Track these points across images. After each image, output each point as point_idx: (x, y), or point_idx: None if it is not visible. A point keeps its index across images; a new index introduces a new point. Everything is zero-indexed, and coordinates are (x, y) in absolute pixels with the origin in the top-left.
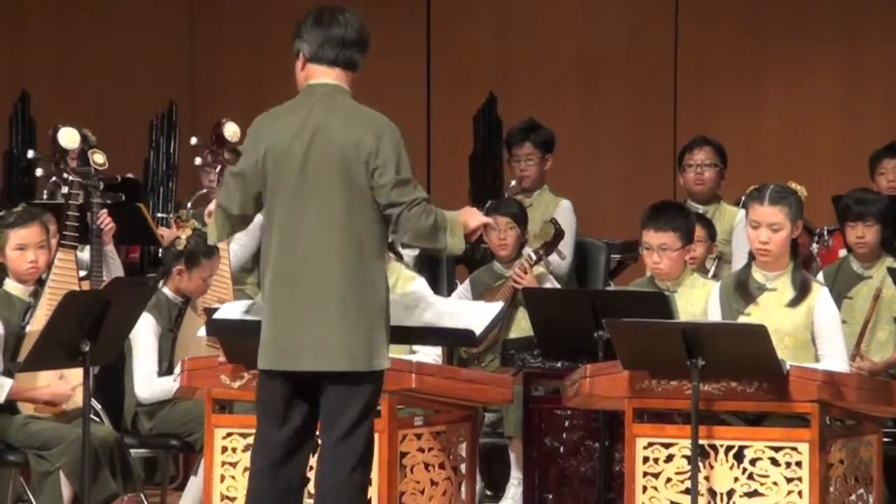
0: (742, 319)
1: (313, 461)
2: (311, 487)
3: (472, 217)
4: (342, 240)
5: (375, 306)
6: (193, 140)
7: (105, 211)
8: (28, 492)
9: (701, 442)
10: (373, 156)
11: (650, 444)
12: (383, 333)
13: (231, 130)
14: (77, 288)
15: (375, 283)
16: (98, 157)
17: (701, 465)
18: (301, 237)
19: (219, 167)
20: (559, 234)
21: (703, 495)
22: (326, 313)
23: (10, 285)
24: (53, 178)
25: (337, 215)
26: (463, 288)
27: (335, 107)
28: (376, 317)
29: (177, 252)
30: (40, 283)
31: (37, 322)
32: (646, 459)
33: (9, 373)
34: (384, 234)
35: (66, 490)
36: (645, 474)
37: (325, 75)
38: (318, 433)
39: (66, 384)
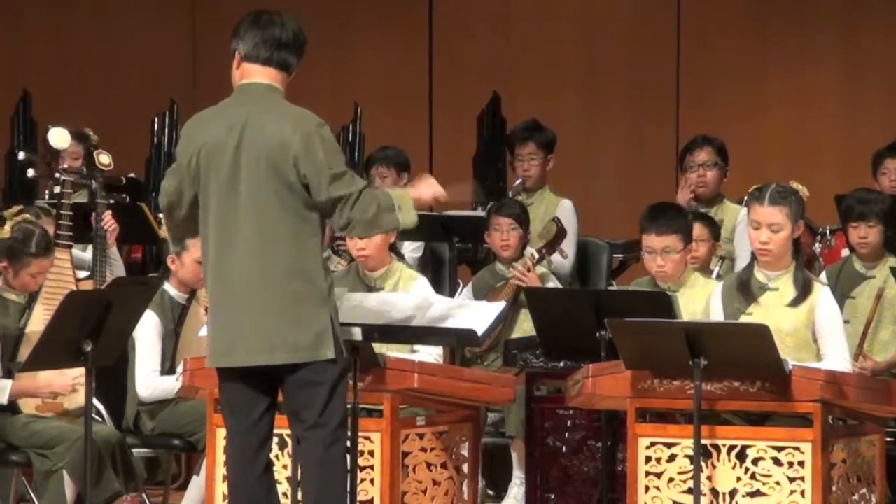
0: (744, 319)
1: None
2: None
3: (427, 189)
4: (277, 235)
5: (317, 297)
6: None
7: (110, 212)
8: (30, 491)
9: (703, 442)
10: (301, 154)
11: (652, 444)
12: (328, 323)
13: None
14: (73, 287)
15: (313, 275)
16: (104, 158)
17: (703, 464)
18: (236, 234)
19: None
20: (561, 234)
21: (705, 495)
22: (267, 308)
23: (4, 289)
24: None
25: (270, 212)
26: (465, 291)
27: (266, 106)
28: (320, 307)
29: (165, 241)
30: None
31: (35, 322)
32: (648, 459)
33: (8, 373)
34: (319, 226)
35: (69, 489)
36: (647, 474)
37: (258, 75)
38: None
39: (65, 377)
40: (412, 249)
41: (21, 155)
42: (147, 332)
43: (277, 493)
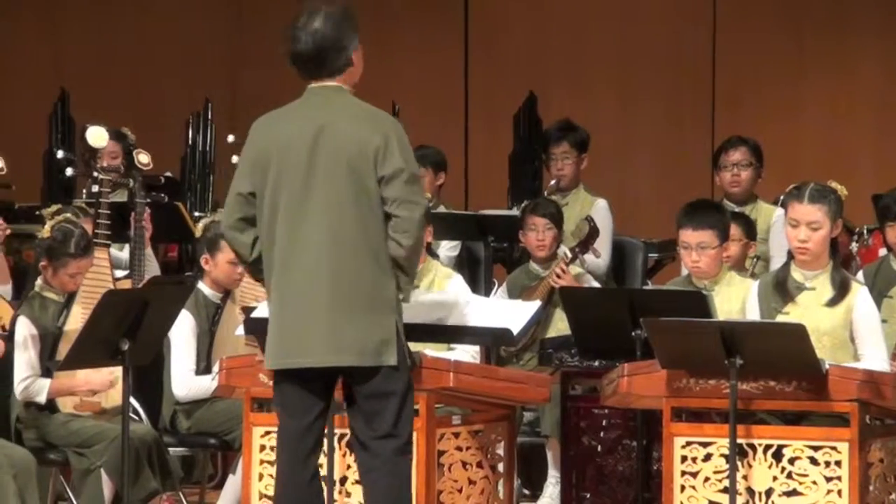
0: (780, 318)
1: None
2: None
3: None
4: (352, 239)
5: (385, 303)
6: (231, 138)
7: (149, 212)
8: (68, 490)
9: (739, 441)
10: (381, 153)
11: (688, 444)
12: (394, 329)
13: None
14: (111, 286)
15: (382, 281)
16: (143, 157)
17: (739, 464)
18: (309, 237)
19: None
20: (594, 233)
21: (741, 494)
22: (336, 310)
23: (44, 287)
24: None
25: (345, 214)
26: (500, 291)
27: (339, 106)
28: (388, 314)
29: (198, 241)
30: None
31: (73, 321)
32: (684, 458)
33: (47, 372)
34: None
35: (106, 488)
36: (683, 473)
37: (320, 81)
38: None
39: (103, 375)
40: (448, 248)
41: (59, 154)
42: (182, 332)
43: (324, 500)
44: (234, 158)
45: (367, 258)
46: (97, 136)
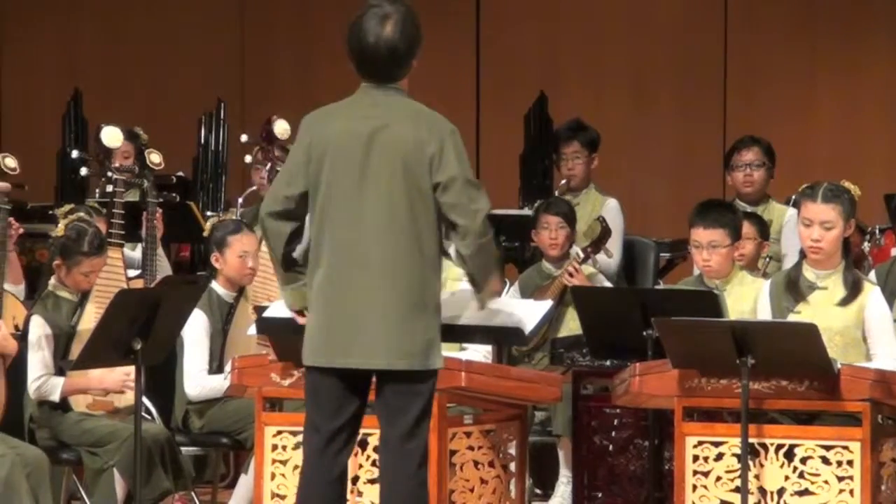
0: (792, 318)
1: None
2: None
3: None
4: (403, 239)
5: (432, 305)
6: (244, 137)
7: (160, 212)
8: (81, 489)
9: (751, 440)
10: (436, 157)
11: (700, 443)
12: (438, 332)
13: (281, 128)
14: (124, 285)
15: (432, 283)
16: (155, 157)
17: (751, 463)
18: (360, 236)
19: (269, 164)
20: (606, 233)
21: (753, 494)
22: (384, 311)
23: (57, 286)
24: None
25: (398, 214)
26: (512, 290)
27: (395, 107)
28: (432, 316)
29: (207, 239)
30: None
31: (86, 321)
32: (695, 458)
33: (60, 371)
34: (440, 233)
35: (119, 487)
36: (695, 473)
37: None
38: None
39: (116, 374)
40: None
41: (73, 153)
42: (195, 331)
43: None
44: (248, 158)
45: (417, 259)
46: (112, 136)
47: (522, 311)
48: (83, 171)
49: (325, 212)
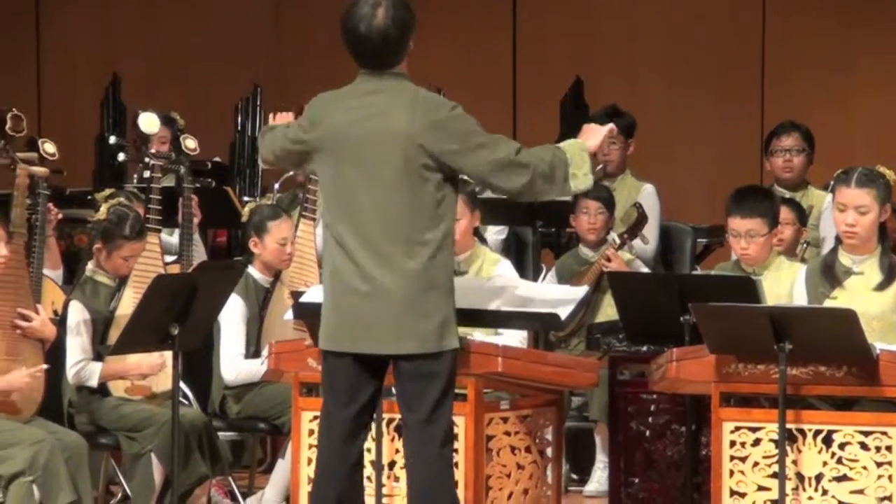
0: (828, 303)
1: None
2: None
3: (593, 136)
4: (406, 222)
5: (442, 286)
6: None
7: (196, 198)
8: (119, 474)
9: (788, 426)
10: (439, 141)
11: (737, 429)
12: (451, 312)
13: None
14: (161, 271)
15: (442, 264)
16: (190, 143)
17: (789, 449)
18: (364, 221)
19: None
20: (642, 219)
21: (790, 479)
22: (393, 295)
23: (95, 271)
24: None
25: (400, 199)
26: (549, 276)
27: (394, 93)
28: (444, 296)
29: (245, 225)
30: None
31: (124, 306)
32: (732, 443)
33: (98, 356)
34: (449, 213)
35: (157, 472)
36: (732, 458)
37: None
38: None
39: (153, 358)
40: (495, 233)
41: (112, 139)
42: (232, 316)
43: (364, 491)
44: None
45: (421, 242)
46: (149, 122)
47: (559, 296)
48: (121, 156)
49: (334, 201)
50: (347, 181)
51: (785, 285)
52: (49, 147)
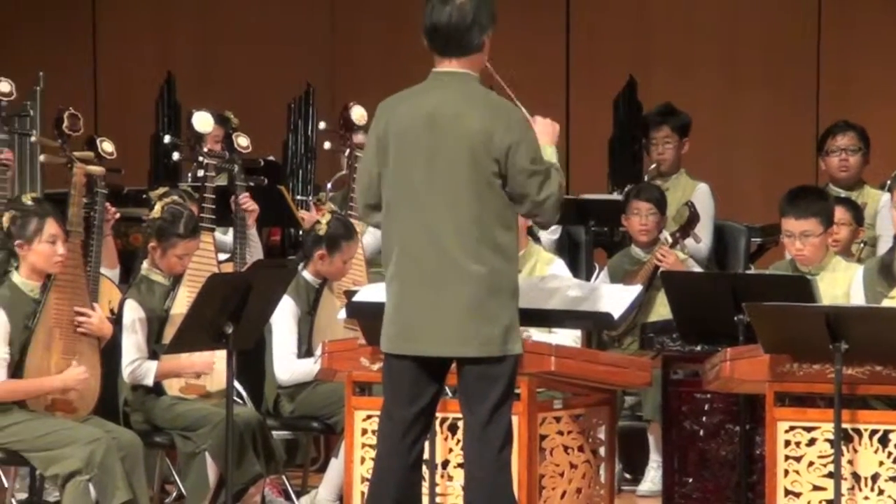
0: (886, 303)
1: None
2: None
3: (544, 133)
4: (473, 224)
5: (507, 290)
6: (322, 125)
7: (247, 194)
8: (174, 473)
9: (844, 426)
10: (503, 146)
11: (792, 428)
12: (516, 317)
13: (358, 114)
14: (215, 270)
15: (507, 268)
16: (242, 141)
17: (844, 448)
18: (430, 222)
19: (348, 151)
20: (694, 218)
21: (846, 479)
22: (459, 298)
23: (150, 270)
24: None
25: (466, 200)
26: (602, 275)
27: (464, 93)
28: (509, 301)
29: (318, 236)
30: None
31: (178, 305)
32: (787, 443)
33: (154, 355)
34: (514, 216)
35: (211, 471)
36: (786, 458)
37: (445, 64)
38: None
39: (207, 357)
40: (549, 232)
41: (166, 138)
42: (284, 316)
43: (421, 490)
44: (327, 144)
45: (488, 245)
46: (203, 121)
47: (612, 295)
48: (175, 155)
49: (395, 198)
50: (414, 182)
51: (842, 286)
52: (107, 146)
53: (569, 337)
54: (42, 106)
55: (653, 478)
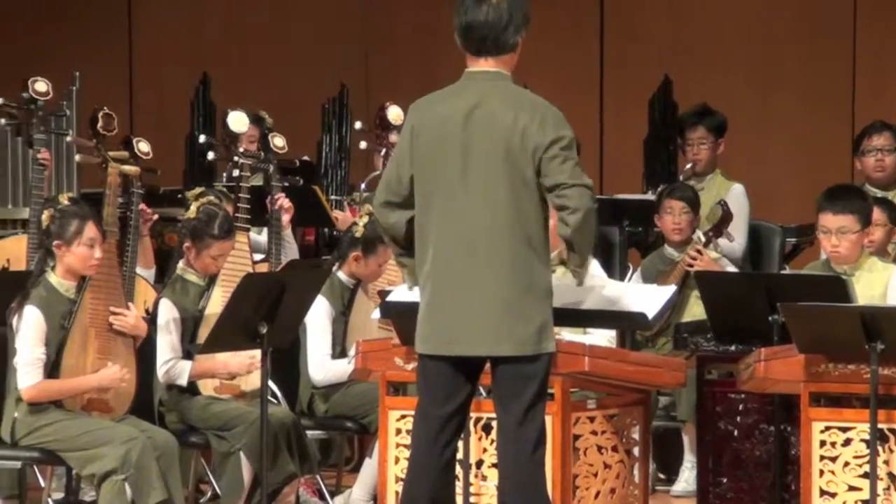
0: None
1: None
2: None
3: None
4: (508, 223)
5: (542, 289)
6: (358, 124)
7: (282, 194)
8: (209, 472)
9: (880, 426)
10: (538, 140)
11: (827, 428)
12: (549, 316)
13: (394, 114)
14: (250, 269)
15: (541, 267)
16: (278, 141)
17: (880, 449)
18: (465, 221)
19: (384, 150)
20: (727, 217)
21: (882, 479)
22: (493, 297)
23: (185, 270)
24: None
25: (502, 199)
26: (636, 276)
27: (497, 92)
28: (543, 300)
29: (354, 238)
30: None
31: (213, 305)
32: (822, 443)
33: (188, 355)
34: (548, 216)
35: (246, 470)
36: (822, 458)
37: (478, 64)
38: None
39: (241, 357)
40: None
41: (201, 138)
42: (318, 316)
43: (455, 490)
44: (363, 144)
45: (522, 244)
46: (238, 120)
47: (646, 295)
48: (210, 155)
49: (429, 198)
50: (450, 181)
51: (878, 286)
52: (143, 146)
53: (604, 337)
54: (78, 106)
55: (687, 478)
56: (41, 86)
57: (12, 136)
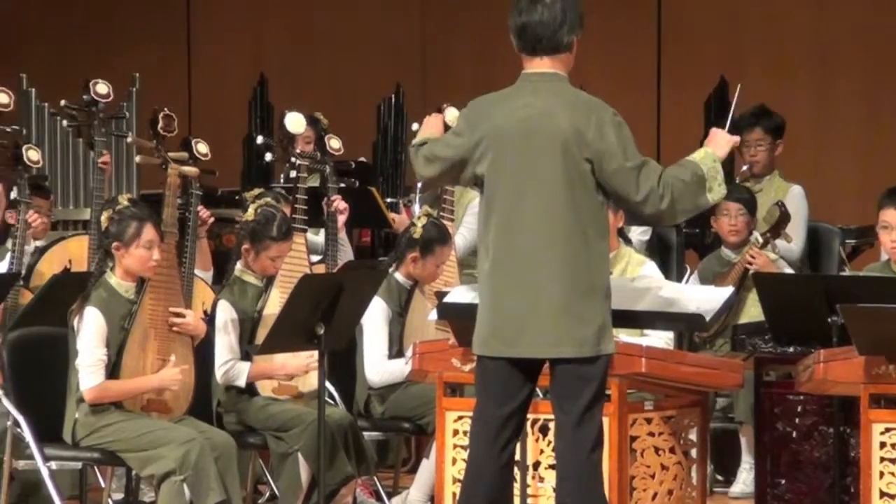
0: None
1: None
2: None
3: (721, 145)
4: (566, 224)
5: (600, 290)
6: (415, 126)
7: (338, 196)
8: (267, 473)
9: None
10: (597, 145)
11: (887, 430)
12: (608, 317)
13: (452, 115)
14: (307, 271)
15: (600, 267)
16: (334, 143)
17: None
18: (524, 222)
19: None
20: (785, 218)
21: None
22: (552, 298)
23: (243, 271)
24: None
25: (560, 200)
26: (693, 278)
27: (554, 94)
28: (602, 301)
29: (412, 239)
30: None
31: (271, 306)
32: (882, 445)
33: (246, 356)
34: (606, 217)
35: (303, 471)
36: (882, 460)
37: (535, 65)
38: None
39: (299, 358)
40: (640, 233)
41: (259, 139)
42: (375, 317)
43: (513, 492)
44: None
45: (581, 245)
46: (295, 121)
47: (703, 297)
48: (268, 156)
49: (490, 203)
50: (508, 182)
51: None
52: (202, 147)
53: (661, 338)
54: (137, 107)
55: (745, 479)
56: (102, 88)
57: (73, 138)
